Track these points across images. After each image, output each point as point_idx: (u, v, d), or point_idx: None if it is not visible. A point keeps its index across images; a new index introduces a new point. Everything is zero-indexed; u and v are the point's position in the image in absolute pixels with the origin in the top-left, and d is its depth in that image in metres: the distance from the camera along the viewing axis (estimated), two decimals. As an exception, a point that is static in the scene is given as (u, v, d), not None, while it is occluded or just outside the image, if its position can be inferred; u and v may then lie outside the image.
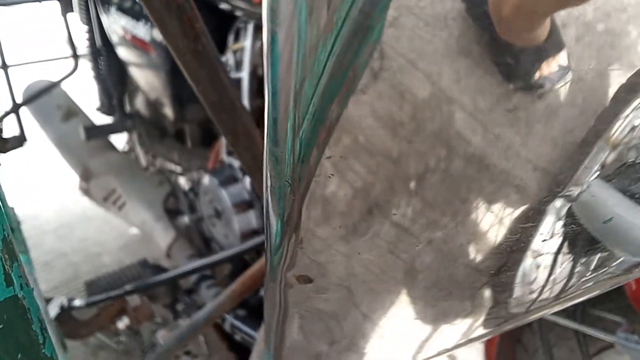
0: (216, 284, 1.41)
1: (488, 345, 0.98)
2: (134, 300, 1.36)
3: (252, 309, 1.35)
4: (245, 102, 1.07)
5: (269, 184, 0.29)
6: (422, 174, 0.30)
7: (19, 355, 0.18)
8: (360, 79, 0.27)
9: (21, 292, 0.18)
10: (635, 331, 0.63)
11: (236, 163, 1.23)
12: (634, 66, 0.28)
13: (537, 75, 0.29)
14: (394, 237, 0.35)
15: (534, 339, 0.88)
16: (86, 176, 1.74)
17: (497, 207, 0.35)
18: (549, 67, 0.28)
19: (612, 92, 0.29)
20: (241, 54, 1.06)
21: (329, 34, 0.23)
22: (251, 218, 1.22)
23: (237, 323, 1.29)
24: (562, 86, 0.29)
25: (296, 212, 0.30)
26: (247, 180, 1.18)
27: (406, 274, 0.38)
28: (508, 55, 0.29)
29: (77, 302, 0.88)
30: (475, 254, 0.38)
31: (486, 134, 0.31)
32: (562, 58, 0.28)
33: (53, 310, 0.83)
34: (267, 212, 0.29)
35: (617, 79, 0.29)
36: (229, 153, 1.31)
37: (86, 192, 1.77)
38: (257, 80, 1.07)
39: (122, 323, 1.29)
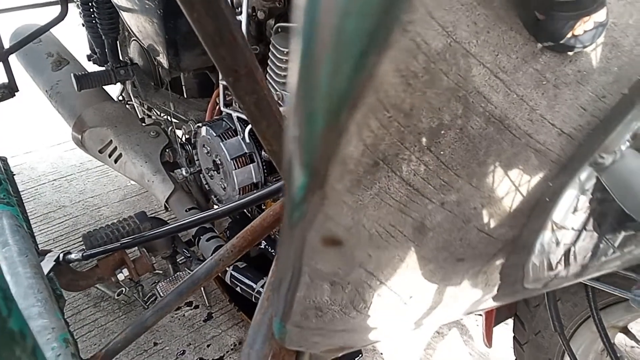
0: (215, 237, 1.40)
1: (489, 299, 0.98)
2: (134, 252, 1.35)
3: (252, 261, 1.35)
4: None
5: (296, 131, 0.24)
6: (438, 132, 0.28)
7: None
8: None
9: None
10: (647, 287, 0.62)
11: (235, 114, 1.19)
12: None
13: (569, 33, 0.25)
14: (409, 195, 0.31)
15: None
16: (80, 127, 1.69)
17: (515, 171, 0.32)
18: (585, 25, 0.25)
19: None
20: (239, -4, 0.99)
21: None
22: (250, 171, 1.19)
23: (237, 275, 1.30)
24: (595, 49, 0.26)
25: (325, 163, 0.25)
26: (247, 132, 1.14)
27: (418, 232, 0.36)
28: (536, 8, 0.25)
29: (73, 256, 0.87)
30: (490, 218, 0.34)
31: (509, 94, 0.27)
32: (600, 15, 0.25)
33: (48, 264, 0.82)
34: (290, 162, 0.25)
35: None
36: (227, 104, 1.26)
37: (80, 143, 1.73)
38: (255, 25, 1.00)
39: (122, 275, 1.28)
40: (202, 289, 1.69)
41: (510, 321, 1.09)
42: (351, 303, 0.35)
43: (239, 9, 0.98)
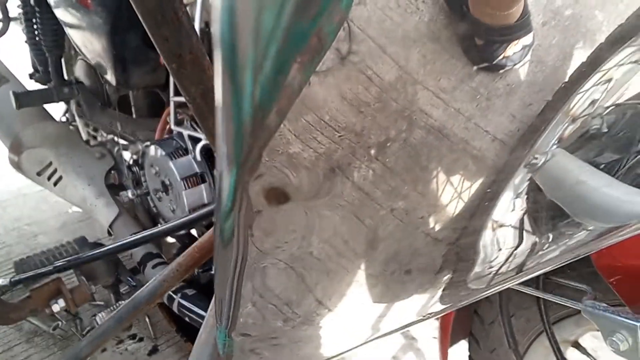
0: (163, 263, 1.33)
1: (443, 317, 0.97)
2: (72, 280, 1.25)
3: (202, 288, 1.29)
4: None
5: (224, 128, 0.23)
6: (384, 145, 0.30)
7: None
8: (328, 48, 0.26)
9: None
10: (596, 298, 0.63)
11: (186, 132, 1.15)
12: (595, 45, 0.29)
13: (501, 54, 0.29)
14: (356, 201, 0.33)
15: (492, 309, 0.88)
16: (17, 148, 1.59)
17: (455, 176, 0.34)
18: (514, 47, 0.29)
19: (571, 70, 0.30)
20: (192, 9, 0.97)
21: None
22: (202, 191, 1.15)
23: (186, 303, 1.23)
24: (523, 66, 0.30)
25: (256, 155, 0.26)
26: (198, 150, 1.10)
27: (368, 241, 0.36)
28: (477, 34, 0.29)
29: (0, 282, 0.78)
30: (435, 222, 0.36)
31: (447, 109, 0.30)
32: (527, 39, 0.29)
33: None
34: (220, 165, 0.23)
35: (577, 58, 0.30)
36: (178, 123, 1.22)
37: (17, 165, 1.62)
38: (208, 40, 0.98)
39: (57, 306, 1.18)
40: (146, 319, 1.59)
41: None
42: (296, 309, 0.33)
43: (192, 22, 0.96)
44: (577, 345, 0.85)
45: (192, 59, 0.30)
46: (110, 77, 1.27)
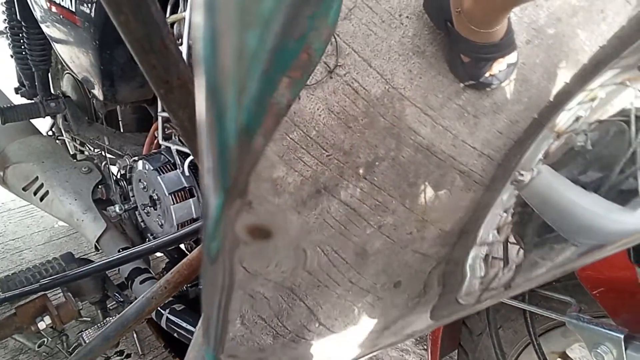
0: (151, 278, 1.32)
1: (433, 329, 0.98)
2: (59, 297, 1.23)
3: (190, 303, 1.27)
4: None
5: (210, 151, 0.23)
6: (372, 162, 0.31)
7: None
8: (317, 64, 0.26)
9: None
10: (581, 310, 0.64)
11: (174, 147, 1.15)
12: (580, 65, 0.30)
13: (487, 72, 0.30)
14: (345, 219, 0.33)
15: (480, 321, 0.89)
16: (2, 163, 1.57)
17: (443, 192, 0.35)
18: (499, 65, 0.30)
19: (556, 88, 0.31)
20: (179, 27, 0.98)
21: None
22: (190, 206, 1.15)
23: (174, 318, 1.21)
24: (508, 84, 0.31)
25: (244, 177, 0.26)
26: (186, 165, 1.10)
27: (357, 257, 0.36)
28: (462, 52, 0.29)
29: (-15, 300, 0.77)
30: (422, 239, 0.36)
31: (435, 127, 0.31)
32: (512, 57, 0.30)
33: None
34: (206, 186, 0.24)
35: (562, 77, 0.31)
36: (166, 137, 1.22)
37: (1, 180, 1.60)
38: (196, 57, 0.99)
39: (43, 323, 1.16)
40: (134, 335, 1.57)
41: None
42: (285, 328, 0.33)
43: (180, 40, 0.97)
44: (564, 356, 0.85)
45: (180, 84, 0.30)
46: (97, 92, 1.27)
